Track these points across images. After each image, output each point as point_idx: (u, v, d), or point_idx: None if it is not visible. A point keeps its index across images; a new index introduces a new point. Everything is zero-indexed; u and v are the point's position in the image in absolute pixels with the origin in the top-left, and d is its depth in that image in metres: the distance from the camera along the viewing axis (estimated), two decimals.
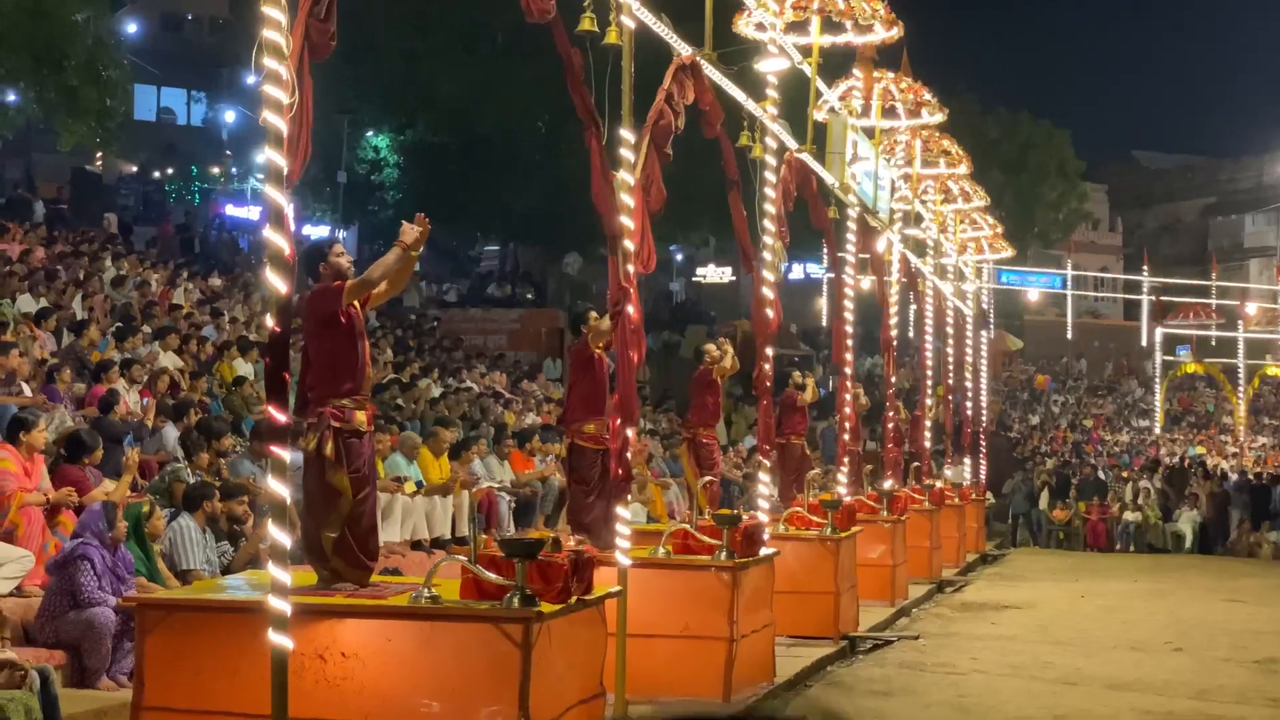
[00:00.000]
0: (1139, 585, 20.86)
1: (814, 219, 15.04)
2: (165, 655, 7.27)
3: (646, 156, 9.86)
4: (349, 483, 7.45)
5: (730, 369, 14.35)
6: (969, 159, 21.13)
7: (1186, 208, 73.16)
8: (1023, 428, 43.21)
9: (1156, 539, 28.88)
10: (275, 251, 6.61)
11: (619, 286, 9.46)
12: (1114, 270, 67.19)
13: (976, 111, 53.02)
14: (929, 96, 17.55)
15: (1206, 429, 47.60)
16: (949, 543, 21.08)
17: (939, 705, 10.67)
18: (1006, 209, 47.26)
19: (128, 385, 14.88)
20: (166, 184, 47.06)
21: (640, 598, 9.49)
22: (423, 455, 14.64)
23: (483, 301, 40.82)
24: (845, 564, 13.53)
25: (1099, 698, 11.19)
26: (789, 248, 15.16)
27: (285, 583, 6.54)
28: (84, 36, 26.13)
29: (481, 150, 37.02)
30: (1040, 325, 58.33)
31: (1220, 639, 14.92)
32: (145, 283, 22.63)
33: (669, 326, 43.48)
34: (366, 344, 7.79)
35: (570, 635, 7.42)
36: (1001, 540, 29.08)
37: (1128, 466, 36.74)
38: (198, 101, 54.09)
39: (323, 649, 7.05)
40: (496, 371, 26.80)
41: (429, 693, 6.97)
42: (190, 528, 10.49)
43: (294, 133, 6.58)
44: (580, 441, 10.62)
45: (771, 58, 12.61)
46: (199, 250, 34.27)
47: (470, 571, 7.15)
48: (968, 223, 25.35)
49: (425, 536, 13.83)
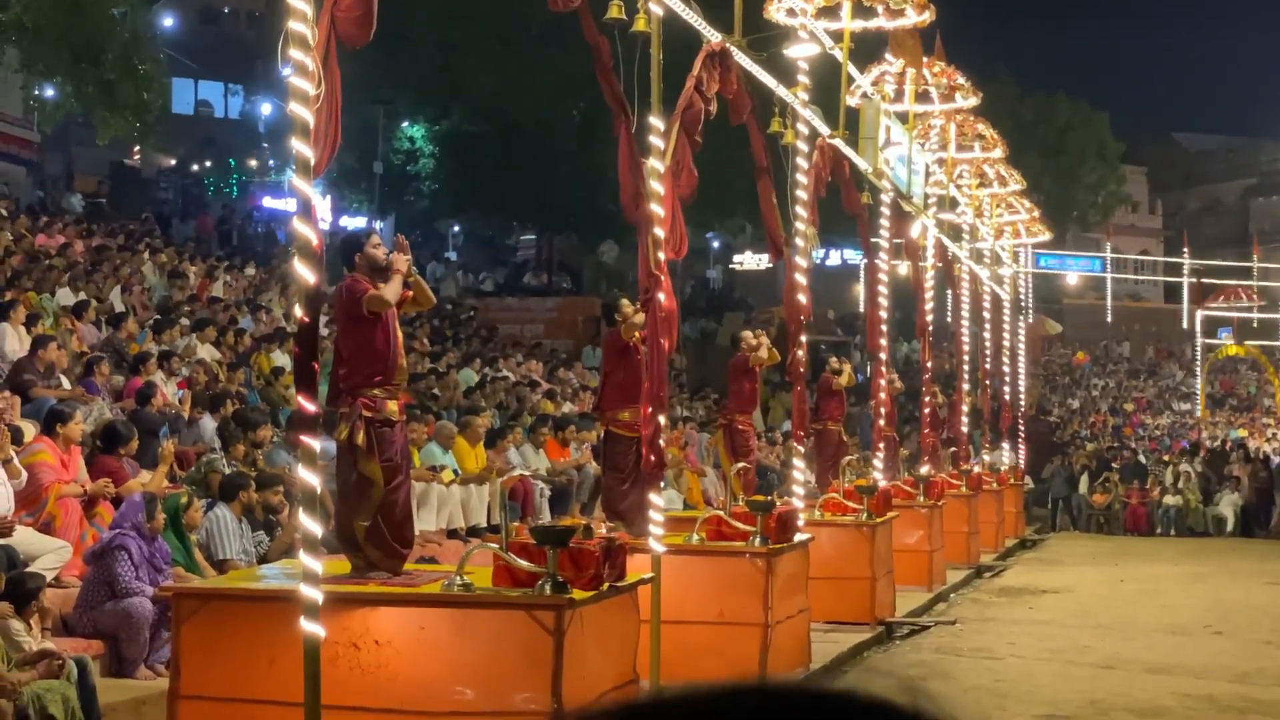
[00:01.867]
0: (1179, 569, 20.74)
1: (847, 205, 15.00)
2: (201, 644, 7.33)
3: (677, 143, 9.86)
4: (381, 472, 7.49)
5: (768, 360, 14.33)
6: (1004, 143, 21.03)
7: (1227, 189, 72.53)
8: (1062, 412, 42.99)
9: (1197, 523, 28.70)
10: (304, 242, 6.64)
11: (649, 274, 9.46)
12: (1154, 253, 66.70)
13: (1014, 95, 52.68)
14: (962, 80, 17.49)
15: (1248, 412, 47.23)
16: (987, 528, 21.02)
17: (975, 690, 10.64)
18: (1045, 192, 46.97)
19: (165, 377, 14.97)
20: (205, 177, 47.26)
21: (674, 584, 9.50)
22: (458, 444, 14.69)
23: (519, 290, 40.87)
24: (881, 549, 13.52)
25: (1137, 682, 11.15)
26: (821, 234, 15.13)
27: (317, 571, 6.58)
28: (120, 31, 26.26)
29: (516, 140, 37.05)
30: (1080, 309, 57.97)
31: (1261, 622, 14.84)
32: (184, 275, 22.77)
33: (706, 314, 43.45)
34: (398, 334, 7.82)
35: (603, 622, 7.44)
36: (1041, 525, 28.96)
37: (1168, 450, 36.50)
38: (235, 94, 54.27)
39: (357, 637, 7.10)
40: (533, 360, 26.83)
41: (462, 680, 7.01)
42: (226, 518, 10.56)
43: (321, 123, 6.61)
44: (615, 429, 10.64)
45: (802, 43, 12.58)
46: (237, 243, 34.42)
47: (502, 559, 7.18)
48: (1004, 207, 25.23)
49: (461, 525, 13.87)
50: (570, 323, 34.94)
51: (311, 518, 6.63)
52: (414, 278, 7.88)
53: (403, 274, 7.69)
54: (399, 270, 7.67)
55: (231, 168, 48.76)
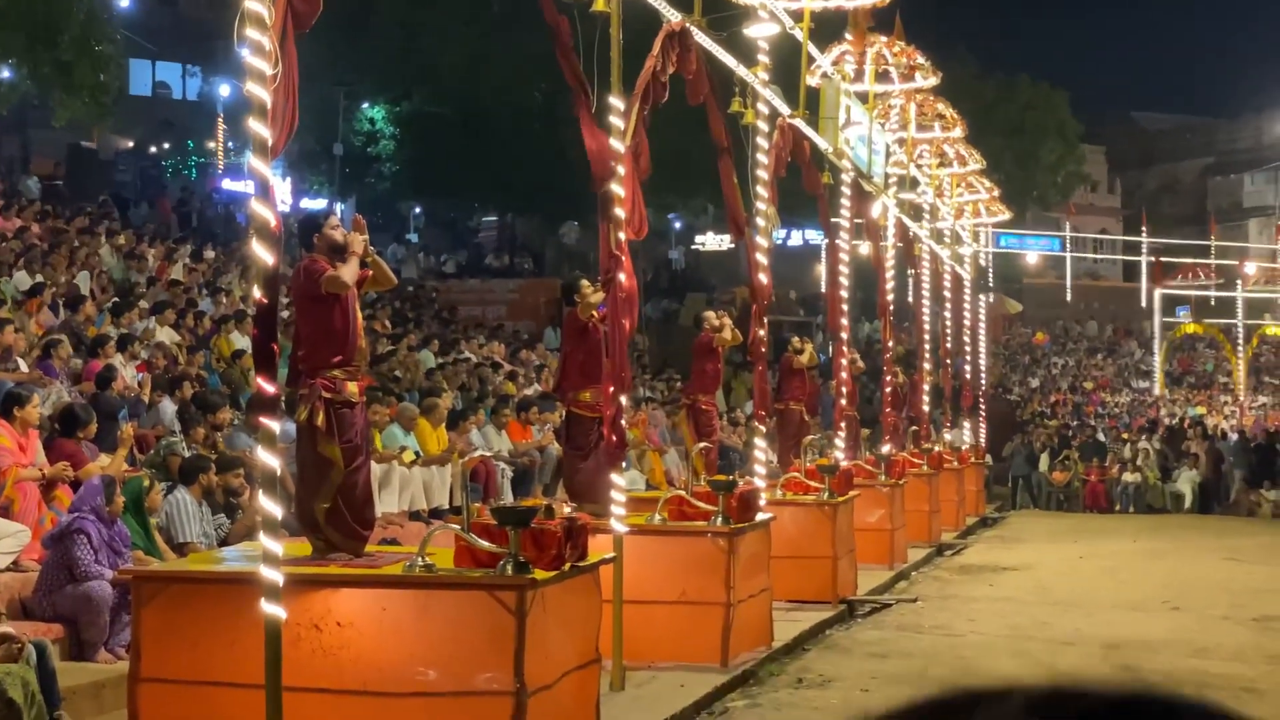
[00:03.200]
0: (1138, 546, 20.92)
1: (807, 184, 15.02)
2: (162, 627, 7.31)
3: (636, 124, 9.85)
4: (341, 453, 7.47)
5: (731, 341, 14.34)
6: (964, 123, 21.09)
7: (1185, 168, 72.99)
8: (1023, 390, 43.23)
9: (1156, 500, 28.94)
10: (262, 224, 6.61)
11: (610, 254, 9.47)
12: (1113, 232, 67.08)
13: (974, 74, 52.79)
14: (922, 60, 17.52)
15: (1206, 389, 47.62)
16: (948, 506, 21.14)
17: (937, 667, 10.70)
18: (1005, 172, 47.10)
19: (124, 360, 14.90)
20: (163, 159, 46.91)
21: (636, 564, 9.52)
22: (420, 426, 14.67)
23: (481, 272, 40.81)
24: (843, 528, 13.58)
25: (1097, 657, 11.23)
26: (783, 214, 15.14)
27: (277, 554, 6.56)
28: (77, 12, 26.01)
29: (478, 121, 36.95)
30: (1040, 288, 58.29)
31: (1219, 598, 14.97)
32: (142, 258, 22.63)
33: (668, 294, 43.49)
34: (358, 316, 7.80)
35: (565, 602, 7.45)
36: (1001, 503, 29.14)
37: (1127, 428, 36.78)
38: (193, 76, 53.85)
39: (318, 619, 7.09)
40: (495, 342, 26.80)
41: (424, 661, 7.01)
42: (186, 501, 10.52)
43: (278, 104, 6.57)
44: (576, 410, 10.66)
45: (762, 23, 12.56)
46: (196, 225, 34.22)
47: (464, 540, 7.18)
48: (964, 186, 25.32)
49: (423, 507, 13.87)
50: (532, 304, 34.92)
51: (272, 500, 6.61)
52: (372, 257, 7.86)
53: (359, 254, 7.67)
54: (355, 251, 7.65)
55: (190, 149, 48.41)
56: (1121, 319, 57.91)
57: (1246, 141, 70.88)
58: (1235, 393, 46.01)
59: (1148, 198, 69.53)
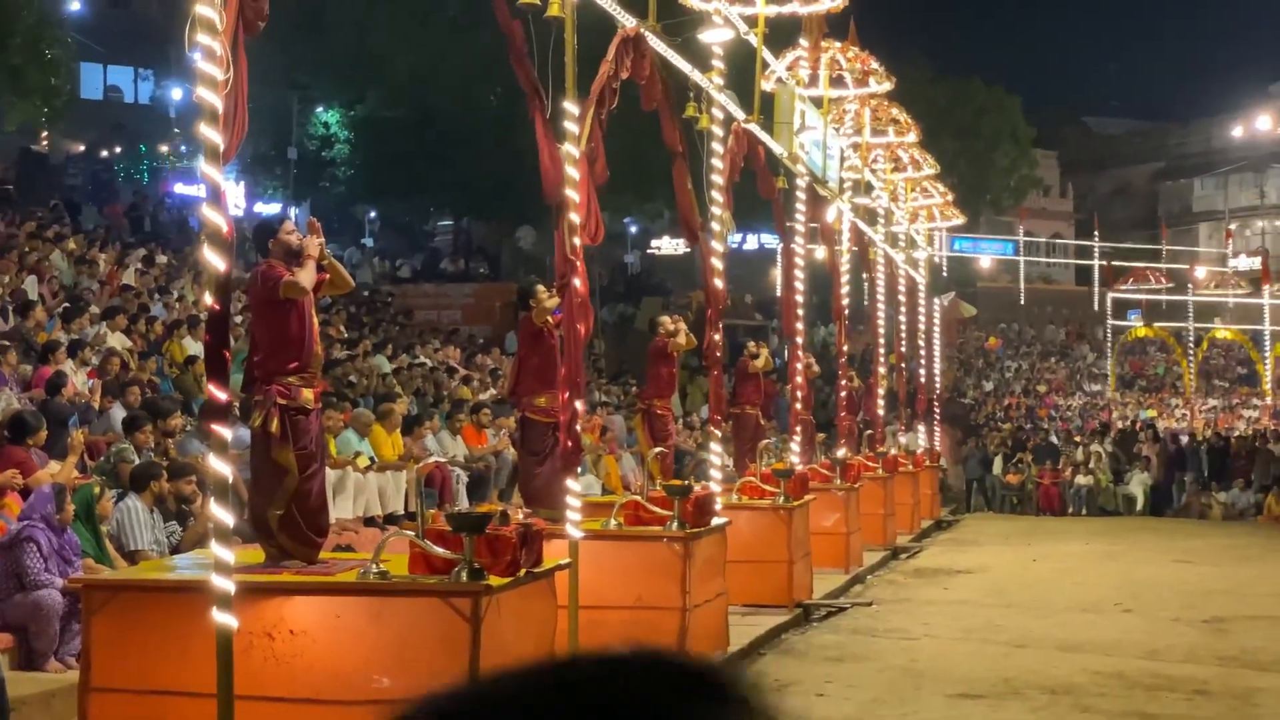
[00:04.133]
0: (1091, 548, 21.06)
1: (762, 189, 15.05)
2: (112, 636, 7.25)
3: (591, 129, 9.85)
4: (295, 460, 7.44)
5: (685, 346, 14.36)
6: (918, 127, 21.20)
7: (1136, 173, 73.57)
8: (977, 394, 43.44)
9: (1108, 502, 29.15)
10: (213, 230, 6.57)
11: (565, 259, 9.46)
12: (1065, 236, 67.56)
13: (928, 79, 53.09)
14: (876, 65, 17.59)
15: (1157, 392, 47.98)
16: (903, 509, 21.22)
17: (891, 670, 10.75)
18: (959, 176, 47.37)
19: (75, 366, 14.78)
20: (115, 163, 46.53)
21: (592, 569, 9.52)
22: (375, 431, 14.60)
23: (436, 276, 40.68)
24: (798, 532, 13.61)
25: (1049, 659, 11.30)
26: (738, 218, 15.16)
27: (228, 561, 6.51)
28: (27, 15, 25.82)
29: (434, 124, 36.86)
30: (994, 292, 58.58)
31: (1170, 599, 15.08)
32: (93, 263, 22.45)
33: (624, 299, 43.48)
34: (314, 321, 7.76)
35: (520, 608, 7.43)
36: (956, 506, 29.28)
37: (1080, 431, 37.03)
38: (145, 79, 53.49)
39: (271, 627, 7.04)
40: (451, 346, 26.74)
41: (379, 668, 6.97)
42: (137, 508, 10.42)
43: (229, 109, 6.53)
44: (531, 414, 10.64)
45: (717, 28, 12.58)
46: (149, 229, 33.96)
47: (418, 546, 7.15)
48: (918, 191, 25.43)
49: (378, 512, 13.80)
50: (488, 308, 34.84)
51: (223, 507, 6.56)
52: (329, 261, 7.83)
53: (315, 258, 7.64)
54: (311, 255, 7.62)
55: (142, 153, 48.06)
56: (1074, 322, 58.30)
57: (1196, 147, 71.51)
58: (1186, 395, 46.39)
59: (1099, 202, 70.07)
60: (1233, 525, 26.77)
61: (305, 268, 7.56)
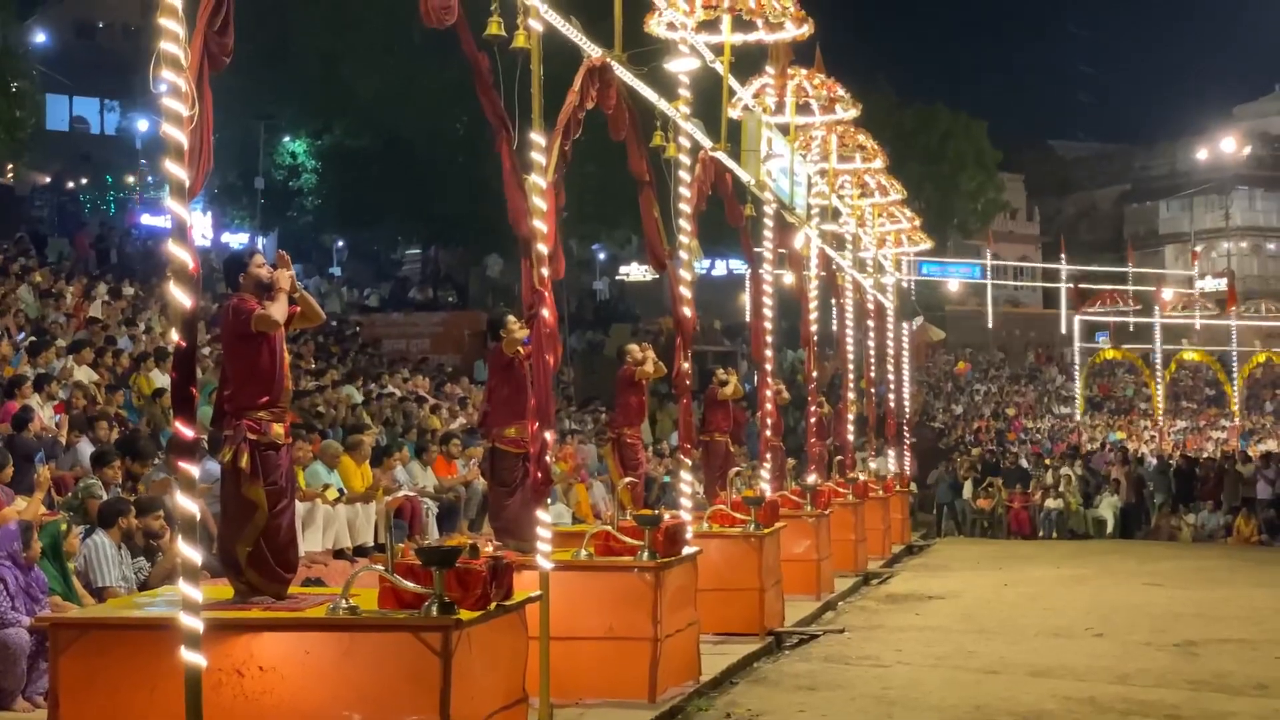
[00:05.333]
0: (1061, 572, 21.12)
1: (730, 217, 15.07)
2: (80, 675, 7.19)
3: (559, 159, 9.86)
4: (265, 495, 7.40)
5: (654, 374, 14.35)
6: (884, 153, 21.28)
7: (1102, 195, 74.06)
8: (947, 418, 43.54)
9: (1078, 525, 29.22)
10: (179, 266, 6.53)
11: (532, 290, 9.45)
12: (1033, 259, 67.91)
13: (894, 104, 53.38)
14: (842, 92, 17.66)
15: (1126, 414, 48.18)
16: (874, 535, 21.25)
17: (863, 698, 10.74)
18: (926, 200, 47.67)
19: (42, 401, 14.68)
20: (81, 194, 46.39)
21: (563, 600, 9.49)
22: (344, 463, 14.53)
23: (404, 305, 40.63)
24: (769, 560, 13.60)
25: (1021, 685, 11.31)
26: (707, 244, 15.17)
27: (196, 600, 6.47)
28: None
29: (400, 153, 36.86)
30: (962, 315, 58.80)
31: (1141, 623, 15.14)
32: (60, 295, 22.33)
33: (593, 326, 43.51)
34: (285, 355, 7.73)
35: (490, 641, 7.40)
36: (927, 531, 29.32)
37: (1049, 454, 37.13)
38: (111, 110, 53.42)
39: (240, 664, 7.00)
40: (419, 376, 26.66)
41: (349, 704, 6.93)
42: (105, 545, 10.34)
43: (195, 144, 6.51)
44: (501, 445, 10.60)
45: (683, 57, 12.61)
46: (115, 261, 33.81)
47: (388, 581, 7.12)
48: (885, 216, 25.52)
49: (348, 545, 13.72)
50: (456, 337, 34.79)
51: (191, 544, 6.52)
52: (300, 293, 7.80)
53: (285, 290, 7.61)
54: (282, 288, 7.60)
55: (109, 184, 47.93)
56: (1042, 345, 58.53)
57: (1162, 169, 72.02)
58: (1154, 417, 46.60)
59: (1066, 225, 70.48)
60: (1202, 547, 26.89)
61: (277, 301, 7.54)
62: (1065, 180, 74.30)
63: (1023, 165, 67.66)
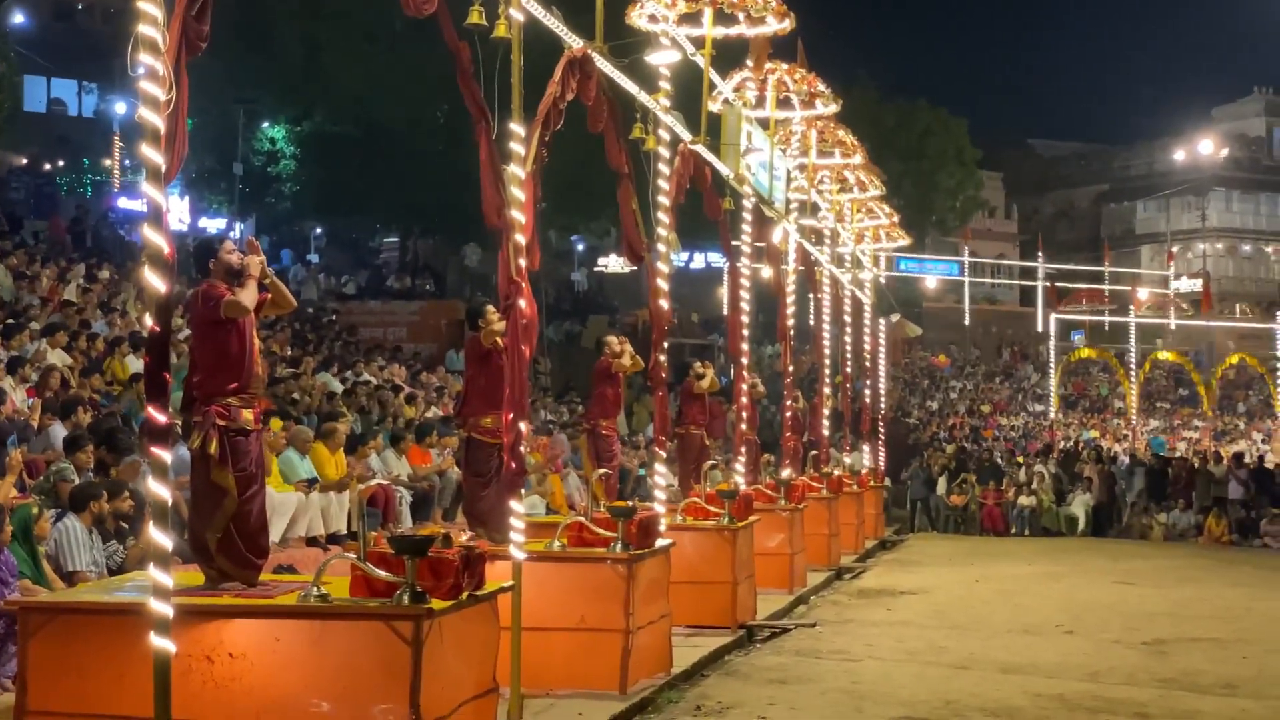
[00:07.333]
0: (1033, 569, 21.19)
1: (708, 210, 15.07)
2: (49, 659, 7.17)
3: (537, 151, 9.84)
4: (234, 481, 7.40)
5: (631, 367, 14.35)
6: (864, 149, 21.27)
7: (1080, 194, 74.31)
8: (922, 414, 43.64)
9: (1051, 522, 29.30)
10: (154, 251, 6.50)
11: (509, 281, 9.44)
12: (1010, 257, 68.12)
13: (875, 100, 53.46)
14: (823, 87, 17.65)
15: (1100, 413, 48.34)
16: (847, 529, 21.27)
17: (834, 692, 10.76)
18: (905, 196, 47.71)
19: (15, 384, 14.61)
20: (58, 177, 46.14)
21: (535, 591, 9.49)
22: (317, 450, 14.49)
23: (382, 293, 40.51)
24: (742, 553, 13.62)
25: (991, 681, 11.35)
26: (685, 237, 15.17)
27: (166, 585, 6.45)
28: None
29: (379, 140, 36.77)
30: (939, 312, 58.96)
31: (1112, 621, 15.21)
32: (35, 278, 22.22)
33: (571, 317, 43.47)
34: (255, 341, 7.72)
35: (462, 631, 7.40)
36: (900, 526, 29.39)
37: (1023, 451, 37.24)
38: (89, 93, 53.11)
39: (210, 650, 6.99)
40: (395, 364, 26.62)
41: (319, 692, 6.92)
42: (76, 529, 10.30)
43: (171, 129, 6.49)
44: (477, 435, 10.59)
45: (664, 50, 12.61)
46: (91, 244, 33.64)
47: (360, 569, 7.11)
48: (864, 212, 25.53)
49: (321, 533, 13.69)
50: (433, 326, 34.73)
51: (162, 530, 6.50)
52: (270, 279, 7.79)
53: (255, 277, 7.60)
54: (252, 274, 7.59)
55: (85, 167, 47.68)
56: (1018, 343, 58.72)
57: (1140, 169, 72.30)
58: (1128, 416, 46.76)
59: (1044, 223, 70.74)
60: (1174, 546, 27.00)
61: (247, 287, 7.54)
62: (1044, 179, 74.54)
63: (1002, 163, 67.84)
